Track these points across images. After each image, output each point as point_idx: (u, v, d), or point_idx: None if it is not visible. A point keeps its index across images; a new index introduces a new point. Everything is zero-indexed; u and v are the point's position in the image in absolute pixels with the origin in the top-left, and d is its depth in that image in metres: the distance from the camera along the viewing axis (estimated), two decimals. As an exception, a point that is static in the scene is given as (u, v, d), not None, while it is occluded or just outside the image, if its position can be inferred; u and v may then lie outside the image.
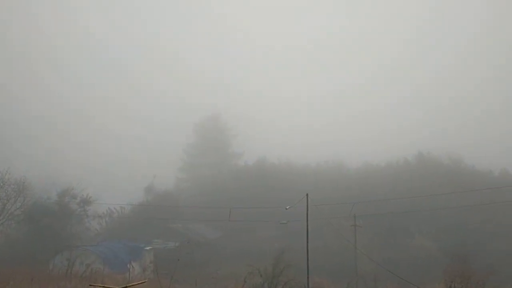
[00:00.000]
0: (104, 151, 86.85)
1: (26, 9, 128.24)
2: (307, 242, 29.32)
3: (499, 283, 31.78)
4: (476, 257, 39.48)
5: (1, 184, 47.27)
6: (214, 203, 52.66)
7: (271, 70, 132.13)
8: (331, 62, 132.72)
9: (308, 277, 27.54)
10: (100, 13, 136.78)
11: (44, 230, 46.65)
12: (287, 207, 31.18)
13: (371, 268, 38.86)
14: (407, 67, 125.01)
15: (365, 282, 36.11)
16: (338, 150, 72.42)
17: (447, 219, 49.16)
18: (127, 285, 14.24)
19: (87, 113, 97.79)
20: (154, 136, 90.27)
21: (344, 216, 40.09)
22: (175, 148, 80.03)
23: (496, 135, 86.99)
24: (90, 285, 19.44)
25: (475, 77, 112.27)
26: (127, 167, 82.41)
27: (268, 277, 30.03)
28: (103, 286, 16.63)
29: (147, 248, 45.72)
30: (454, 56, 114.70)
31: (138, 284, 14.98)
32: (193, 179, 77.33)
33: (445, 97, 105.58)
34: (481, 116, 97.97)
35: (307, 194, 30.32)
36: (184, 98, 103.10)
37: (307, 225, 29.81)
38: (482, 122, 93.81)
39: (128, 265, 38.64)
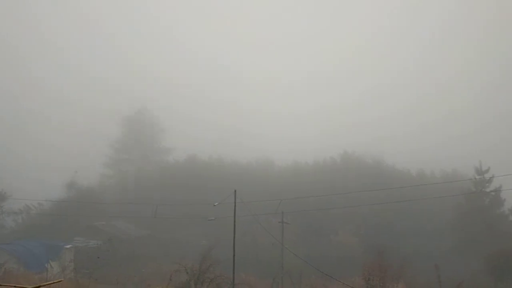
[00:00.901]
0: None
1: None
2: (234, 238, 29.37)
3: (413, 275, 34.01)
4: (393, 252, 41.95)
5: None
6: (141, 200, 51.24)
7: (206, 65, 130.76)
8: (263, 60, 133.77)
9: (233, 273, 27.56)
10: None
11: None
12: (215, 204, 31.05)
13: (297, 263, 39.86)
14: (347, 72, 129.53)
15: (291, 277, 36.94)
16: (268, 148, 73.70)
17: (369, 215, 51.64)
18: (41, 284, 13.20)
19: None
20: (78, 127, 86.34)
21: (272, 213, 40.69)
22: (100, 142, 76.77)
23: (414, 137, 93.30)
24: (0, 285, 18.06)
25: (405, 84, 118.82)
26: (46, 161, 77.80)
27: (194, 274, 29.67)
28: (15, 286, 15.42)
29: (67, 246, 43.30)
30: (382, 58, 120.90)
31: (53, 283, 13.95)
32: (118, 175, 74.22)
33: (368, 100, 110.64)
34: (401, 116, 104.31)
35: (235, 191, 30.41)
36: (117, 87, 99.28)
37: (235, 222, 29.86)
38: (402, 122, 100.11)
39: (46, 265, 36.57)
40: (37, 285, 12.35)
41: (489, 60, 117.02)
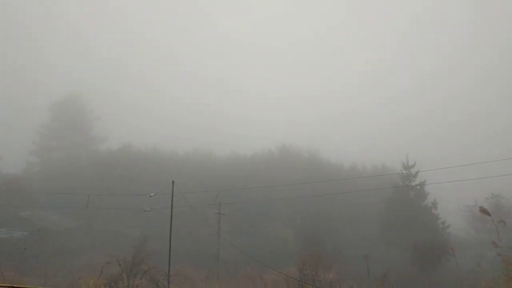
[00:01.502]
0: None
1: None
2: (171, 230, 28.90)
3: (345, 264, 35.41)
4: (327, 242, 43.53)
5: None
6: (72, 189, 48.87)
7: (152, 53, 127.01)
8: (204, 53, 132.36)
9: (169, 265, 27.15)
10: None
11: None
12: (151, 194, 30.32)
13: (233, 254, 40.14)
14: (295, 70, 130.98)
15: (227, 268, 37.11)
16: (207, 140, 73.31)
17: (304, 207, 52.96)
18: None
19: None
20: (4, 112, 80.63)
21: (210, 204, 40.56)
22: (27, 129, 72.17)
23: (349, 132, 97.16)
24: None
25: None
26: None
27: (127, 266, 28.93)
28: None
29: (-12, 237, 40.56)
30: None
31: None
32: (47, 163, 70.11)
33: (309, 97, 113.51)
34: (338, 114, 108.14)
35: (173, 181, 29.89)
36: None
37: (171, 213, 29.37)
38: (338, 120, 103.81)
39: (-36, 257, 33.90)
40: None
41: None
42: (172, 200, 29.44)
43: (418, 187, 53.42)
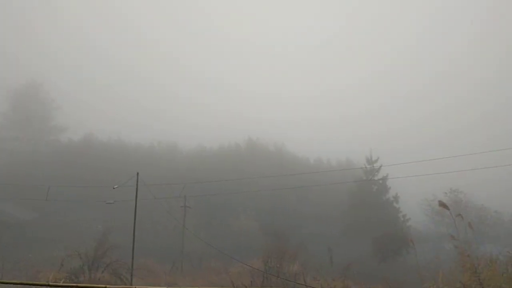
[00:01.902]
0: None
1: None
2: (134, 222, 28.45)
3: (308, 258, 35.88)
4: (291, 235, 43.95)
5: None
6: (30, 181, 47.20)
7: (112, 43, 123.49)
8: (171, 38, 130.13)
9: (133, 258, 26.73)
10: None
11: None
12: (115, 186, 29.72)
13: (198, 248, 39.99)
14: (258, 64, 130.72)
15: (191, 261, 36.94)
16: (173, 132, 72.39)
17: (270, 200, 53.28)
18: None
19: None
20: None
21: (175, 197, 40.16)
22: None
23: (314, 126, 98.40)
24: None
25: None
26: None
27: (89, 259, 28.31)
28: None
29: None
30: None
31: None
32: (2, 153, 67.26)
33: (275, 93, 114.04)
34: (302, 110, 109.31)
35: (137, 173, 29.41)
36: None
37: (136, 205, 28.90)
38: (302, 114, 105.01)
39: None
40: None
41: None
42: (136, 192, 28.96)
43: (380, 181, 54.73)
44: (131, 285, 25.58)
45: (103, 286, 16.30)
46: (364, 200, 52.78)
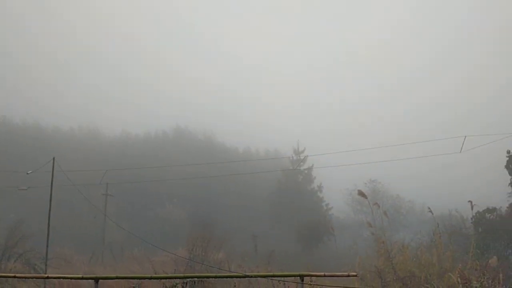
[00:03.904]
0: None
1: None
2: (50, 210, 26.70)
3: (233, 246, 36.02)
4: (218, 224, 43.88)
5: None
6: None
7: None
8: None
9: (47, 247, 25.13)
10: None
11: None
12: (28, 172, 27.70)
13: (120, 237, 38.64)
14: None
15: (112, 250, 35.63)
16: (95, 117, 69.08)
17: (197, 189, 52.73)
18: None
19: None
20: None
21: (96, 184, 38.28)
22: None
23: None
24: None
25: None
26: None
27: (-1, 249, 26.36)
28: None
29: None
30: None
31: None
32: None
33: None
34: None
35: (53, 158, 27.55)
36: None
37: (51, 192, 27.11)
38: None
39: None
40: None
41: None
42: (52, 178, 27.16)
43: (306, 171, 56.37)
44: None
45: (12, 275, 15.19)
46: (290, 189, 54.08)
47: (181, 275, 8.37)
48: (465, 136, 20.88)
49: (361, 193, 26.99)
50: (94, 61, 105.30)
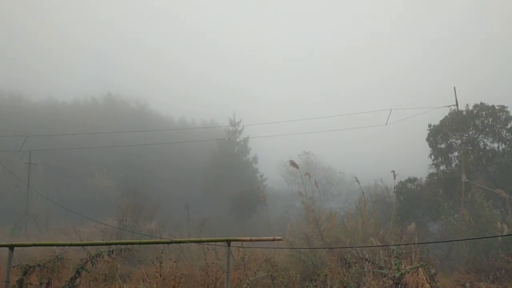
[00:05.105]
0: None
1: None
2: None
3: (166, 216, 35.61)
4: (150, 194, 43.12)
5: None
6: None
7: None
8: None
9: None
10: None
11: None
12: None
13: (45, 207, 36.93)
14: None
15: (36, 221, 33.97)
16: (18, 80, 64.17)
17: (129, 159, 51.28)
18: None
19: None
20: None
21: (16, 151, 35.87)
22: None
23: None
24: None
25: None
26: None
27: None
28: None
29: None
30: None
31: None
32: None
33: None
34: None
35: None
36: None
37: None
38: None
39: None
40: None
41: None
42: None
43: (241, 142, 56.61)
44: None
45: None
46: (226, 161, 54.18)
47: (104, 242, 8.01)
48: (391, 109, 21.85)
49: (292, 164, 27.59)
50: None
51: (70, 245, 9.25)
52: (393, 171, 24.49)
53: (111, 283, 12.58)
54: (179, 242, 9.44)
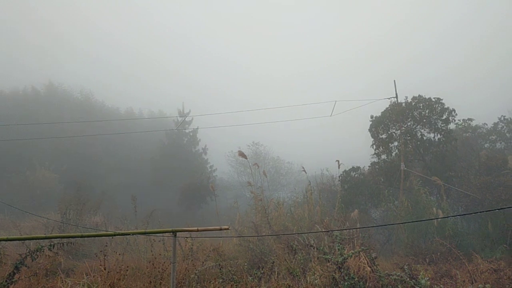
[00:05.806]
0: None
1: None
2: None
3: (113, 208, 34.84)
4: (96, 187, 41.97)
5: None
6: None
7: None
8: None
9: None
10: None
11: None
12: None
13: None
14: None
15: (-29, 218, 32.06)
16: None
17: (73, 152, 49.52)
18: None
19: None
20: None
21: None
22: None
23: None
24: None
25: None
26: None
27: None
28: None
29: None
30: None
31: None
32: None
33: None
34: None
35: None
36: None
37: None
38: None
39: None
40: None
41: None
42: None
43: (191, 133, 56.10)
44: None
45: None
46: (175, 152, 53.58)
47: (44, 236, 7.76)
48: (335, 101, 22.50)
49: (241, 154, 27.77)
50: None
51: (7, 239, 8.88)
52: (337, 161, 25.28)
53: (53, 278, 12.27)
54: (123, 234, 9.33)
